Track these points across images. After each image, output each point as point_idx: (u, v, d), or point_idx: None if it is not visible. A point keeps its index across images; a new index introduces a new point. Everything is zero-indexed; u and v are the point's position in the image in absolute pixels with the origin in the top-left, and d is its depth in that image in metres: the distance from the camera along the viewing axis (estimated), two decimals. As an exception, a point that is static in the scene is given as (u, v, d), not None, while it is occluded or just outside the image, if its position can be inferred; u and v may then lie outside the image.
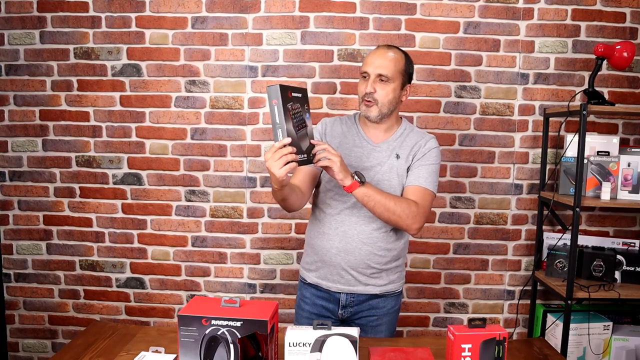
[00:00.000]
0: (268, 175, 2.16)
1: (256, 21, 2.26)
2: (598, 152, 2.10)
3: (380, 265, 1.56)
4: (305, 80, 2.27)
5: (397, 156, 1.55)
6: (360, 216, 1.54)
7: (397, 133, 1.59)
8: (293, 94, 1.27)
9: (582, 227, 2.34)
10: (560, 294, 1.99)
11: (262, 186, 2.33)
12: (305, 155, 1.32)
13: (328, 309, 1.62)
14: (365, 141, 1.58)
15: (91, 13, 2.26)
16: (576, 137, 2.00)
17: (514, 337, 2.39)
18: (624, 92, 2.28)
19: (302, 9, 2.24)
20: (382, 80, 1.48)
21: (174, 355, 1.27)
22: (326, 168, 1.36)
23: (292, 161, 1.23)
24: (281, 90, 1.22)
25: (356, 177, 1.38)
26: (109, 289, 2.41)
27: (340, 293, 1.59)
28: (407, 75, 1.55)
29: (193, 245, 2.38)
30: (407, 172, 1.55)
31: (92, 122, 2.33)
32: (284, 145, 1.22)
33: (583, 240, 2.22)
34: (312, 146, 1.35)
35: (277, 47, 2.27)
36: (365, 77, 1.51)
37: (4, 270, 2.42)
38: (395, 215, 1.43)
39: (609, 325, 2.12)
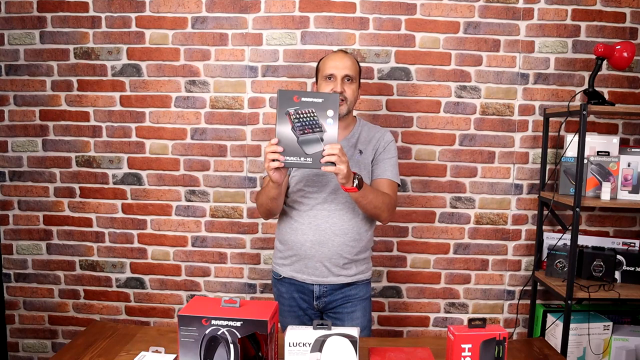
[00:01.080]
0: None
1: (256, 21, 2.26)
2: (598, 152, 2.10)
3: (351, 255, 1.68)
4: (305, 80, 2.27)
5: (360, 152, 1.69)
6: (331, 210, 1.65)
7: (354, 129, 1.73)
8: (303, 99, 1.36)
9: (582, 227, 2.34)
10: (560, 294, 1.99)
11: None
12: (309, 159, 1.38)
13: (305, 301, 1.72)
14: None
15: (91, 13, 2.26)
16: (576, 137, 2.00)
17: (514, 337, 2.39)
18: (624, 92, 2.28)
19: (302, 9, 2.24)
20: (348, 80, 1.63)
21: (174, 355, 1.27)
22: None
23: (276, 160, 1.38)
24: (281, 95, 1.36)
25: (356, 182, 1.46)
26: (109, 289, 2.41)
27: (313, 285, 1.68)
28: (359, 77, 1.72)
29: (193, 245, 2.38)
30: (372, 164, 1.69)
31: (92, 122, 2.33)
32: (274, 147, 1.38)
33: (583, 240, 2.22)
34: (320, 151, 1.39)
35: (277, 47, 2.27)
36: (330, 79, 1.63)
37: (4, 270, 2.42)
38: (379, 209, 1.60)
39: (609, 325, 2.12)
